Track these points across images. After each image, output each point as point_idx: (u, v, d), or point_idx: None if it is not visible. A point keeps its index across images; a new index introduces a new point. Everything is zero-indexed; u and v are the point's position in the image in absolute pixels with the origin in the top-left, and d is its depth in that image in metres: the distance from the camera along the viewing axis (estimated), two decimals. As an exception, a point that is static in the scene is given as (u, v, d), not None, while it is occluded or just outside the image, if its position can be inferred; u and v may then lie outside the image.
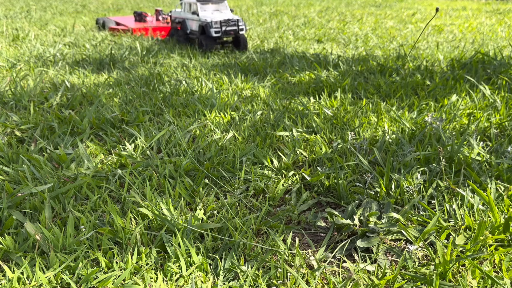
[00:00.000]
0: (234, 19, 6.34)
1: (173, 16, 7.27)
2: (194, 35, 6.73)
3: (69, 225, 1.91)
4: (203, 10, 6.56)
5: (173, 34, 7.35)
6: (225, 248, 1.92)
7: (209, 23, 6.23)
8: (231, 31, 6.36)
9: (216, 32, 6.25)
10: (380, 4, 13.63)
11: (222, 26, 6.25)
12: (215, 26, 6.23)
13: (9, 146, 2.96)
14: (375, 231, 1.97)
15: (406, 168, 2.55)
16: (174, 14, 7.24)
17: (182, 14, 6.98)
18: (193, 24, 6.67)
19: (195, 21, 6.58)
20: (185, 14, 6.88)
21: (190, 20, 6.76)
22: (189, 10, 6.79)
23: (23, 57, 5.76)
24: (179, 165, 2.60)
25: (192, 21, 6.69)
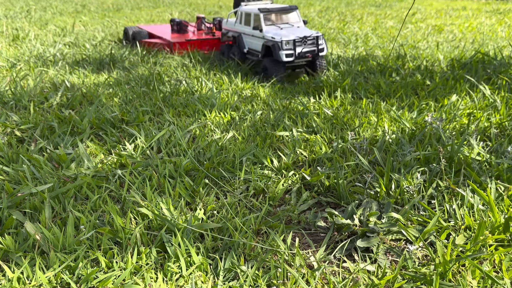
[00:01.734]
0: (312, 36, 4.62)
1: (224, 28, 5.65)
2: (254, 56, 5.03)
3: (69, 225, 1.91)
4: (268, 23, 4.83)
5: (224, 52, 5.62)
6: (225, 248, 1.92)
7: (278, 43, 4.51)
8: (308, 53, 4.62)
9: (287, 56, 4.50)
10: (380, 4, 13.63)
11: (297, 46, 4.53)
12: (287, 47, 4.49)
13: (9, 146, 2.96)
14: (375, 231, 1.97)
15: (406, 168, 2.55)
16: (226, 25, 5.60)
17: (236, 26, 5.29)
18: (253, 41, 4.98)
19: (257, 37, 4.89)
20: (241, 27, 5.19)
21: (249, 36, 5.05)
22: (247, 22, 5.05)
23: (23, 57, 5.76)
24: (179, 165, 2.60)
25: (252, 37, 4.99)
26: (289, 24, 4.91)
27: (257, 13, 4.83)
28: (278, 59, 4.54)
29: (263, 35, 4.74)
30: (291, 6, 4.98)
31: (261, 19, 4.77)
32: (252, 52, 5.06)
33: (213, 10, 12.28)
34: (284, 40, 4.49)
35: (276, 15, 4.91)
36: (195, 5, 13.93)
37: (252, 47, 5.06)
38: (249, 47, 5.13)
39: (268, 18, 4.85)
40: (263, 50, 4.78)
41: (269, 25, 4.82)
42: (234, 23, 5.35)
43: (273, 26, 4.82)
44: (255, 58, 5.00)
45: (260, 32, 4.78)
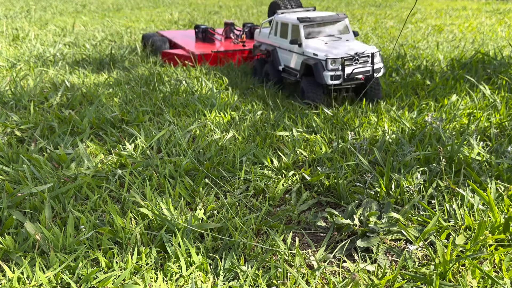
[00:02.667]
0: (366, 53, 3.68)
1: (256, 40, 4.81)
2: (290, 76, 4.10)
3: (69, 225, 1.91)
4: (310, 36, 3.93)
5: (257, 69, 4.73)
6: (225, 248, 1.92)
7: (321, 62, 3.62)
8: (361, 75, 3.69)
9: (334, 78, 3.60)
10: (380, 4, 13.63)
11: (346, 66, 3.61)
12: (333, 67, 3.59)
13: (9, 146, 2.96)
14: (375, 231, 1.97)
15: (406, 168, 2.55)
16: (259, 36, 4.73)
17: (271, 38, 4.41)
18: (291, 58, 4.08)
19: (295, 53, 3.99)
20: (276, 39, 4.31)
21: (285, 51, 4.16)
22: (284, 34, 4.16)
23: (23, 57, 5.76)
24: (179, 165, 2.60)
25: (289, 53, 4.09)
26: (335, 37, 4.02)
27: (295, 23, 3.92)
28: (320, 81, 3.62)
29: (303, 50, 3.84)
30: (338, 15, 4.02)
31: (300, 31, 3.86)
32: (289, 70, 4.15)
33: (213, 10, 12.28)
34: (330, 57, 3.57)
35: (319, 26, 3.98)
36: (195, 5, 13.93)
37: (289, 65, 4.14)
38: (285, 64, 4.21)
39: (310, 30, 3.93)
40: (302, 69, 3.84)
41: (311, 38, 3.91)
42: (268, 34, 4.46)
43: (315, 40, 3.92)
44: (292, 78, 4.05)
45: (299, 46, 3.88)
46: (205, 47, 5.61)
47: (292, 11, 4.45)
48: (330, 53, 3.64)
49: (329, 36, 4.02)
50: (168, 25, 9.40)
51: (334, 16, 4.01)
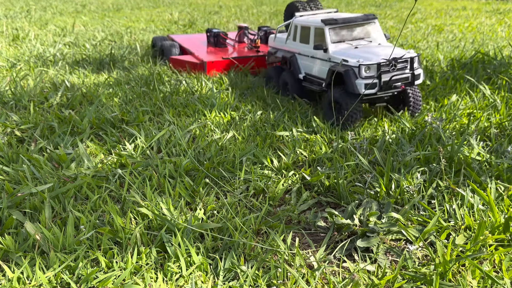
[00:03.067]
0: (404, 57, 3.23)
1: (271, 46, 4.38)
2: (313, 85, 3.66)
3: (69, 225, 1.91)
4: (336, 39, 3.51)
5: (272, 77, 4.29)
6: (225, 248, 1.92)
7: (354, 68, 3.18)
8: (399, 82, 3.24)
9: (368, 86, 3.15)
10: (380, 4, 13.64)
11: (382, 72, 3.17)
12: (367, 74, 3.14)
13: (9, 146, 2.96)
14: (375, 231, 1.97)
15: (406, 168, 2.55)
16: (274, 42, 4.28)
17: (289, 44, 4.00)
18: (314, 65, 3.66)
19: (319, 60, 3.58)
20: (295, 45, 3.89)
21: (307, 57, 3.74)
22: (305, 38, 3.75)
23: (23, 57, 5.76)
24: (179, 165, 2.60)
25: (312, 60, 3.67)
26: (365, 40, 3.58)
27: (320, 26, 3.50)
28: (352, 91, 3.16)
29: (330, 56, 3.41)
30: (368, 16, 3.61)
31: (326, 35, 3.45)
32: (312, 79, 3.70)
33: (213, 10, 12.28)
34: (364, 64, 3.13)
35: (347, 29, 3.55)
36: (195, 5, 13.93)
37: (311, 72, 3.71)
38: (306, 72, 3.78)
39: (336, 33, 3.51)
40: (329, 77, 3.38)
41: (338, 43, 3.50)
42: (286, 39, 4.03)
43: (343, 44, 3.50)
44: (315, 88, 3.60)
45: (324, 52, 3.46)
46: (215, 53, 5.20)
47: (313, 14, 3.99)
48: (363, 58, 3.19)
49: (358, 40, 3.57)
50: (168, 25, 9.40)
51: (362, 17, 3.57)
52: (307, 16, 3.94)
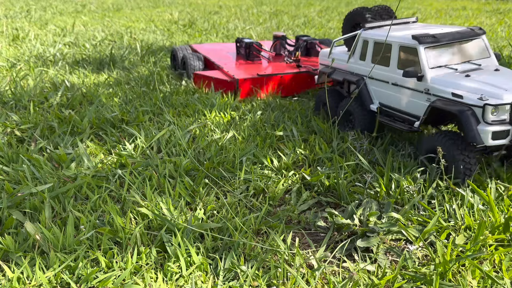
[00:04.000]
0: None
1: (323, 63, 3.51)
2: (396, 122, 2.80)
3: (69, 225, 1.91)
4: (437, 63, 2.61)
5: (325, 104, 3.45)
6: (225, 248, 1.92)
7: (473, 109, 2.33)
8: None
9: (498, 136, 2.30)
10: (380, 4, 13.64)
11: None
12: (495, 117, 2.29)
13: (9, 146, 2.96)
14: (375, 231, 1.97)
15: (406, 168, 2.55)
16: (330, 58, 3.38)
17: (354, 63, 3.11)
18: (397, 95, 2.78)
19: (409, 90, 2.68)
20: (364, 65, 2.99)
21: (386, 84, 2.85)
22: (383, 58, 2.84)
23: (23, 57, 5.76)
24: (179, 165, 2.60)
25: (394, 87, 2.78)
26: (473, 63, 2.65)
27: (411, 44, 2.61)
28: (473, 141, 2.31)
29: (428, 87, 2.52)
30: (474, 30, 2.73)
31: (422, 57, 2.55)
32: (393, 113, 2.82)
33: (213, 10, 12.28)
34: (491, 103, 2.25)
35: (448, 48, 2.64)
36: (195, 5, 13.93)
37: (393, 105, 2.82)
38: (383, 104, 2.89)
39: (437, 54, 2.59)
40: (427, 115, 2.54)
41: (438, 68, 2.57)
42: (348, 57, 3.13)
43: (445, 69, 2.59)
44: (400, 127, 2.72)
45: (419, 81, 2.56)
46: (248, 68, 4.34)
47: (387, 25, 3.05)
48: (486, 93, 2.31)
49: (464, 63, 2.64)
50: (168, 25, 9.40)
51: (467, 32, 2.69)
52: (383, 29, 2.99)
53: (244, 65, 4.53)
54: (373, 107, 2.94)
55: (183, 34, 8.17)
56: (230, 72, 4.15)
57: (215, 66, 4.55)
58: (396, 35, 2.77)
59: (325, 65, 3.47)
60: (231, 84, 4.00)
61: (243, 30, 8.51)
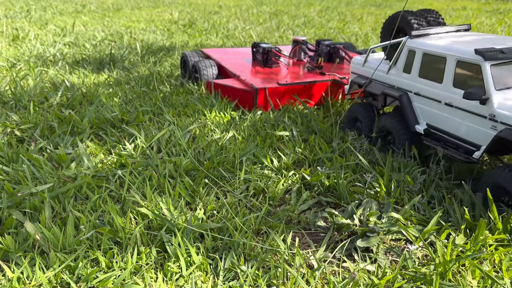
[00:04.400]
0: None
1: (356, 73, 3.14)
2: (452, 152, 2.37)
3: (69, 225, 1.91)
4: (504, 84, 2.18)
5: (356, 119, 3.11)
6: (225, 248, 1.92)
7: None
8: None
9: None
10: (380, 4, 13.64)
11: None
12: None
13: (9, 146, 2.96)
14: (375, 231, 1.97)
15: (406, 168, 2.55)
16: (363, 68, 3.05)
17: (395, 76, 2.75)
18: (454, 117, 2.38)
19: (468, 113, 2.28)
20: (409, 79, 2.64)
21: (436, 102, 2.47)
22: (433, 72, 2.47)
23: (23, 57, 5.76)
24: (179, 165, 2.60)
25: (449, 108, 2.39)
26: None
27: (474, 60, 2.21)
28: None
29: (495, 112, 2.14)
30: None
31: (487, 76, 2.16)
32: (444, 137, 2.45)
33: (213, 10, 12.28)
34: None
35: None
36: (195, 5, 13.93)
37: (444, 128, 2.44)
38: (432, 125, 2.52)
39: (504, 74, 2.21)
40: (493, 146, 2.18)
41: (506, 89, 2.19)
42: (389, 68, 2.78)
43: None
44: (452, 154, 2.36)
45: (482, 104, 2.18)
46: (268, 77, 3.91)
47: (436, 32, 2.68)
48: None
49: None
50: (168, 25, 9.40)
51: None
52: (433, 37, 2.63)
53: (262, 72, 4.11)
54: (419, 128, 2.54)
55: (183, 34, 8.17)
56: (248, 80, 3.77)
57: (230, 73, 4.14)
58: (453, 47, 2.35)
59: (358, 75, 3.07)
60: (249, 94, 3.62)
61: (243, 30, 8.51)
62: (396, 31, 2.87)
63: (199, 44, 7.12)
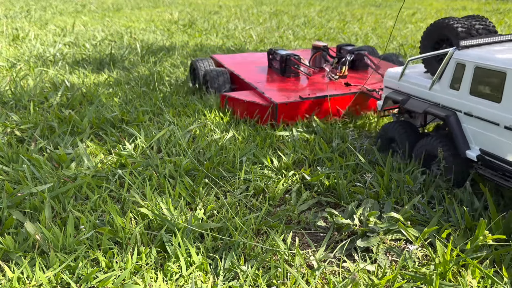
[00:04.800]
0: None
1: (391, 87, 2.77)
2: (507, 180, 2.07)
3: (69, 225, 1.91)
4: None
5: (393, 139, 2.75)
6: (225, 248, 1.92)
7: None
8: None
9: None
10: (380, 4, 13.64)
11: None
12: None
13: (9, 146, 2.96)
14: (375, 231, 1.97)
15: (406, 168, 2.55)
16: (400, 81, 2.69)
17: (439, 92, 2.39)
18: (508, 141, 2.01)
19: None
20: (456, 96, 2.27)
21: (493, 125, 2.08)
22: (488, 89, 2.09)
23: (23, 57, 5.76)
24: (179, 165, 2.60)
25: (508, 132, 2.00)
26: None
27: None
28: None
29: None
30: None
31: None
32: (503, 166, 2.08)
33: (213, 10, 12.28)
34: None
35: None
36: (195, 5, 13.93)
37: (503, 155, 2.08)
38: (487, 151, 2.16)
39: None
40: None
41: None
42: (432, 83, 2.41)
43: None
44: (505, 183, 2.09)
45: None
46: (288, 89, 3.53)
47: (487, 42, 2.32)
48: None
49: None
50: (168, 25, 9.40)
51: None
52: (485, 47, 2.28)
53: (281, 83, 3.71)
54: (471, 154, 2.19)
55: (183, 34, 8.17)
56: (266, 93, 3.38)
57: (245, 83, 3.74)
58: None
59: (394, 90, 2.73)
60: (267, 109, 3.24)
61: (243, 30, 8.51)
62: (438, 41, 2.53)
63: (199, 44, 7.12)
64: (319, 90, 3.48)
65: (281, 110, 3.21)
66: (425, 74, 2.61)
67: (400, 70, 2.72)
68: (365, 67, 4.00)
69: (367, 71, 3.99)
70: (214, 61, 4.48)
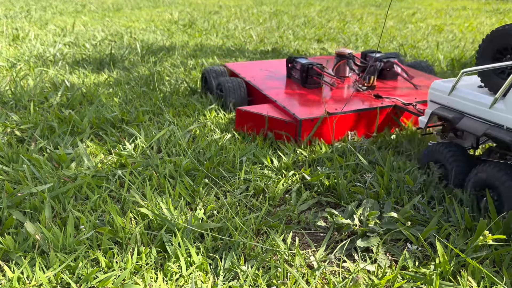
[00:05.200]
0: None
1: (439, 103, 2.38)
2: None
3: (69, 225, 1.91)
4: None
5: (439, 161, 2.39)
6: (225, 248, 1.92)
7: None
8: None
9: None
10: (380, 4, 13.63)
11: None
12: None
13: (9, 146, 2.96)
14: (375, 231, 1.97)
15: (406, 168, 2.55)
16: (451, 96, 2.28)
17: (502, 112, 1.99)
18: None
19: None
20: None
21: None
22: None
23: (23, 57, 5.76)
24: (179, 165, 2.60)
25: None
26: None
27: None
28: None
29: None
30: None
31: None
32: None
33: (213, 10, 12.28)
34: None
35: None
36: (195, 5, 13.93)
37: None
38: None
39: None
40: None
41: None
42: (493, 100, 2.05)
43: None
44: None
45: None
46: (311, 102, 3.19)
47: None
48: None
49: None
50: (168, 25, 9.40)
51: None
52: None
53: (303, 95, 3.34)
54: None
55: (183, 34, 8.17)
56: (288, 108, 3.03)
57: (262, 96, 3.41)
58: None
59: (441, 105, 2.36)
60: (290, 126, 2.92)
61: (243, 30, 8.51)
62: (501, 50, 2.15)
63: (199, 44, 7.12)
64: (350, 104, 3.09)
65: (306, 127, 2.87)
66: (481, 89, 2.25)
67: (449, 82, 2.36)
68: (394, 76, 3.63)
69: (396, 80, 3.65)
70: (228, 70, 4.17)
